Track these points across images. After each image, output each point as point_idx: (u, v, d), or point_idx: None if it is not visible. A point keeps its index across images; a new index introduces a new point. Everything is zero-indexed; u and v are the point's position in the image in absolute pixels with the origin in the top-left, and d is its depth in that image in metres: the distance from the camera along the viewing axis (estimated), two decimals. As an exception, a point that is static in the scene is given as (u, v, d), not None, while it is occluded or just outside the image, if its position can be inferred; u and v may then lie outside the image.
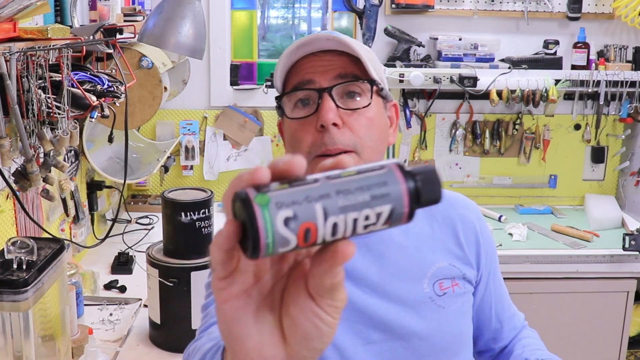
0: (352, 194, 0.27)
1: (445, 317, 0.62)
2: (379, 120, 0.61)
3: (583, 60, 1.74)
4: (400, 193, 0.28)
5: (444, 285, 0.62)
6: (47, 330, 0.79)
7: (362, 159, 0.58)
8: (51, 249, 0.78)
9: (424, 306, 0.61)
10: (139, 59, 1.23)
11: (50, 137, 0.81)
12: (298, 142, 0.59)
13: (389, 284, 0.61)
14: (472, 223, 0.67)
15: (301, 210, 0.27)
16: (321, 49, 0.59)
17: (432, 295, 0.62)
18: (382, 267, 0.62)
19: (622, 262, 1.56)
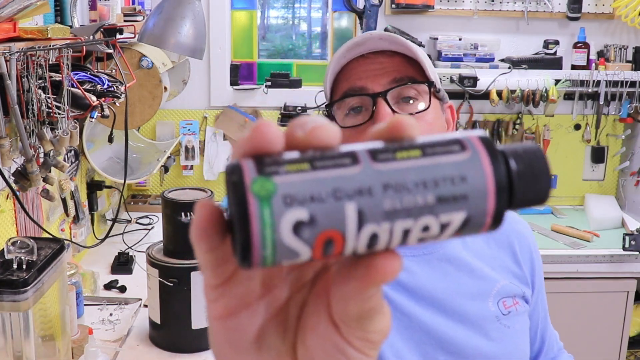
0: (409, 191, 0.17)
1: (511, 337, 0.59)
2: (438, 123, 0.57)
3: (583, 60, 1.74)
4: (485, 192, 0.18)
5: (507, 304, 0.59)
6: (47, 330, 0.79)
7: None
8: (51, 249, 0.78)
9: (491, 326, 0.58)
10: (139, 59, 1.23)
11: (50, 137, 0.81)
12: None
13: (455, 301, 0.58)
14: (526, 239, 0.64)
15: (323, 211, 0.17)
16: (373, 50, 0.55)
17: (499, 315, 0.59)
18: (447, 283, 0.58)
19: (622, 262, 1.56)
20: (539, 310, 0.66)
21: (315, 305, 0.21)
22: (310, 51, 1.97)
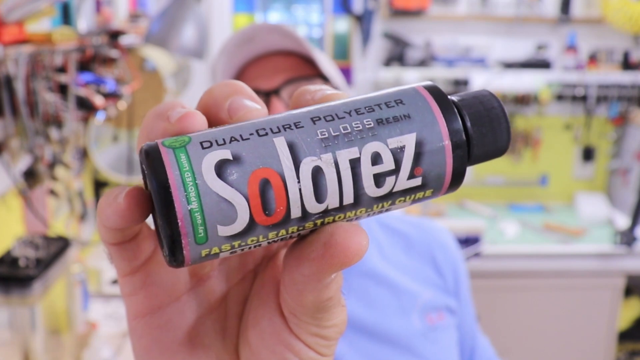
0: (342, 119, 0.15)
1: (439, 352, 0.55)
2: None
3: (573, 63, 1.78)
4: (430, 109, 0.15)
5: (433, 319, 0.55)
6: (53, 325, 0.81)
7: None
8: (57, 246, 0.80)
9: (418, 343, 0.54)
10: (143, 61, 1.25)
11: (57, 137, 0.83)
12: None
13: (376, 320, 0.53)
14: (449, 249, 0.61)
15: (248, 148, 0.14)
16: (266, 49, 0.51)
17: (424, 331, 0.55)
18: (366, 301, 0.53)
19: (612, 259, 1.59)
20: (467, 321, 0.61)
21: (259, 299, 0.18)
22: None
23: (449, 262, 0.61)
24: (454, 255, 0.62)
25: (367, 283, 0.55)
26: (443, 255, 0.60)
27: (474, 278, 1.80)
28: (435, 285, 0.59)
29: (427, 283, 0.58)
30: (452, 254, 0.61)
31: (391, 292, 0.55)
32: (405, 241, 0.60)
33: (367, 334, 0.53)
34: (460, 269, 0.61)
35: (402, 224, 0.62)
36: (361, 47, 1.76)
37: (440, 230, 0.63)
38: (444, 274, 0.59)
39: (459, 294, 0.61)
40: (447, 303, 0.58)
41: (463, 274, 0.62)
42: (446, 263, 0.60)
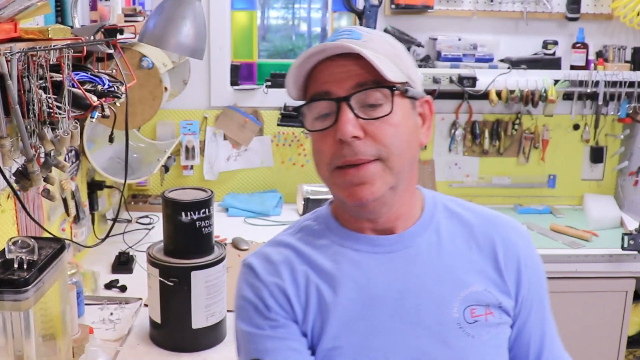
0: None
1: (475, 347, 0.55)
2: (406, 123, 0.56)
3: (582, 60, 1.74)
4: None
5: (476, 313, 0.56)
6: (47, 330, 0.79)
7: (389, 166, 0.55)
8: (52, 248, 0.78)
9: (451, 333, 0.55)
10: (140, 59, 1.23)
11: (51, 137, 0.81)
12: (319, 154, 0.57)
13: (410, 303, 0.56)
14: (515, 248, 0.60)
15: None
16: (337, 53, 0.55)
17: (461, 322, 0.56)
18: (405, 284, 0.56)
19: (621, 262, 1.56)
20: (532, 330, 0.61)
21: None
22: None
23: (512, 261, 0.59)
24: (521, 257, 0.60)
25: (411, 267, 0.57)
26: (506, 253, 0.59)
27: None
28: (491, 281, 0.58)
29: (481, 277, 0.58)
30: (519, 255, 0.60)
31: (434, 279, 0.56)
32: (467, 230, 0.60)
33: (399, 315, 0.55)
34: (524, 271, 0.59)
35: (468, 212, 0.62)
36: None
37: (510, 228, 0.61)
38: (504, 273, 0.58)
39: (520, 297, 0.59)
40: (502, 302, 0.58)
41: (533, 279, 0.60)
42: (509, 262, 0.59)
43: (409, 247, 0.58)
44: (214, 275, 0.97)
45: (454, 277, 0.57)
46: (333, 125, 0.54)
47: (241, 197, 1.81)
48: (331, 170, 0.56)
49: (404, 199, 0.58)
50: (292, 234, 0.62)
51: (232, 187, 1.87)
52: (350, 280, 0.57)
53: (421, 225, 0.59)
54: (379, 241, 0.58)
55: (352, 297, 0.56)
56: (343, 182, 0.55)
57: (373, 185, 0.54)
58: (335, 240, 0.59)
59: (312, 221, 0.62)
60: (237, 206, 1.74)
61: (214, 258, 0.98)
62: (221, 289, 0.99)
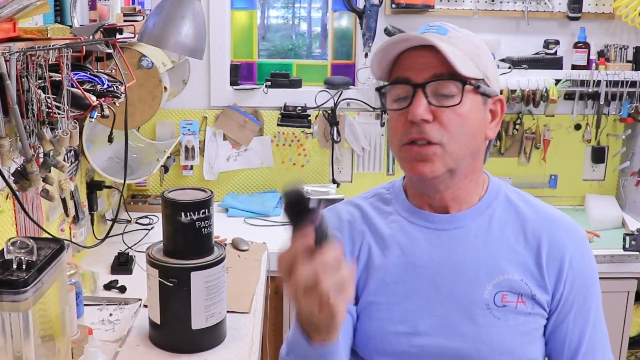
0: None
1: (498, 329, 0.61)
2: (472, 116, 0.62)
3: (583, 60, 1.74)
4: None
5: (507, 299, 0.62)
6: (46, 331, 0.79)
7: (449, 151, 0.61)
8: (51, 249, 0.77)
9: (479, 311, 0.62)
10: (139, 58, 1.23)
11: (50, 137, 0.81)
12: (393, 131, 0.64)
13: (447, 278, 0.63)
14: (562, 248, 0.64)
15: None
16: (418, 44, 0.62)
17: (490, 304, 0.62)
18: (446, 260, 0.63)
19: (623, 262, 1.56)
20: (570, 328, 0.64)
21: None
22: (310, 51, 1.97)
23: (555, 259, 0.64)
24: (565, 255, 0.64)
25: (455, 245, 0.64)
26: (551, 251, 0.64)
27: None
28: (529, 274, 0.63)
29: (521, 268, 0.63)
30: (564, 255, 0.64)
31: (474, 260, 0.63)
32: (520, 223, 0.65)
33: (433, 286, 0.63)
34: (568, 271, 0.63)
35: (527, 207, 0.67)
36: (364, 45, 1.72)
37: (564, 228, 0.66)
38: (544, 268, 0.63)
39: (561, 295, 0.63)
40: (536, 294, 0.63)
41: (577, 280, 0.64)
42: (552, 260, 0.64)
43: (458, 227, 0.65)
44: (214, 275, 0.97)
45: (493, 263, 0.63)
46: (407, 107, 0.62)
47: (241, 197, 1.81)
48: (400, 146, 0.63)
49: (462, 184, 0.65)
50: (366, 197, 0.72)
51: (232, 187, 1.86)
52: (398, 247, 0.65)
53: (476, 210, 0.66)
54: (432, 218, 0.66)
55: (396, 262, 0.65)
56: (408, 157, 0.63)
57: (433, 164, 0.61)
58: (397, 210, 0.68)
59: (385, 190, 0.72)
60: (237, 206, 1.74)
61: (213, 258, 0.98)
62: (221, 290, 0.99)
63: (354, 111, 1.82)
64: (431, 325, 0.62)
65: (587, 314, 0.65)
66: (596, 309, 0.66)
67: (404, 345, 0.63)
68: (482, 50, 0.65)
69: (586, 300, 0.65)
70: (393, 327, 0.63)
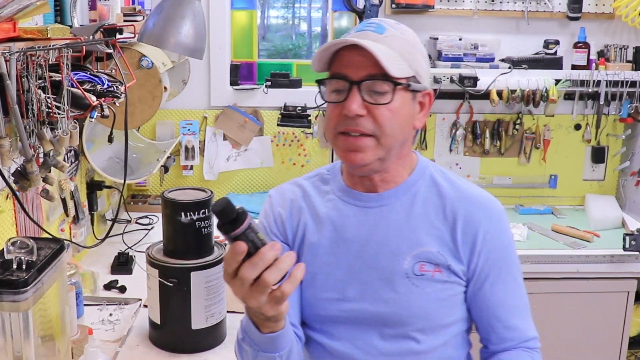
0: None
1: (416, 295, 0.69)
2: (402, 111, 0.69)
3: (583, 60, 1.74)
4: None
5: (425, 268, 0.70)
6: (46, 331, 0.79)
7: (381, 142, 0.68)
8: (51, 249, 0.77)
9: (399, 280, 0.70)
10: (139, 58, 1.23)
11: (50, 137, 0.81)
12: (328, 120, 0.70)
13: (373, 250, 0.71)
14: (477, 224, 0.71)
15: None
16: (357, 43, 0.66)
17: (409, 273, 0.70)
18: (373, 235, 0.71)
19: (623, 262, 1.56)
20: (488, 296, 0.71)
21: None
22: (310, 51, 1.97)
23: (469, 234, 0.70)
24: (480, 232, 0.70)
25: (381, 221, 0.71)
26: (466, 226, 0.70)
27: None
28: (446, 246, 0.70)
29: (439, 241, 0.70)
30: (478, 230, 0.70)
31: (396, 235, 0.71)
32: (441, 201, 0.72)
33: (362, 257, 0.71)
34: (481, 244, 0.70)
35: (449, 186, 0.74)
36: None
37: (479, 206, 0.72)
38: (459, 241, 0.70)
39: (475, 265, 0.70)
40: (451, 264, 0.70)
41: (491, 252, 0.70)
42: (466, 234, 0.70)
43: (384, 205, 0.72)
44: (214, 275, 0.97)
45: (414, 237, 0.71)
46: (343, 102, 0.68)
47: (241, 197, 1.81)
48: (335, 134, 0.69)
49: (392, 168, 0.72)
50: (310, 177, 0.79)
51: (232, 187, 1.86)
52: (331, 224, 0.74)
53: (401, 189, 0.73)
54: (362, 197, 0.73)
55: (328, 236, 0.73)
56: (343, 146, 0.69)
57: (365, 154, 0.68)
58: (333, 189, 0.76)
59: (326, 170, 0.79)
60: (237, 206, 1.74)
61: (213, 259, 0.98)
62: (221, 290, 0.99)
63: (354, 111, 1.82)
64: (358, 292, 0.70)
65: (505, 283, 0.72)
66: (514, 279, 0.73)
67: (335, 310, 0.72)
68: (416, 49, 0.70)
69: (502, 271, 0.71)
70: (326, 294, 0.72)
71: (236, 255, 0.54)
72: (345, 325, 0.71)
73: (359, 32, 0.68)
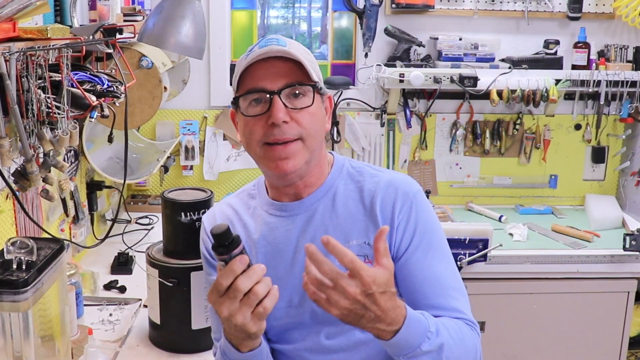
0: None
1: None
2: (319, 113, 0.74)
3: (583, 60, 1.74)
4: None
5: None
6: (46, 331, 0.79)
7: (306, 145, 0.72)
8: (51, 249, 0.77)
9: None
10: (139, 58, 1.23)
11: (50, 137, 0.81)
12: (251, 134, 0.72)
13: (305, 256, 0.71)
14: (392, 202, 0.74)
15: None
16: (270, 56, 0.71)
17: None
18: (302, 240, 0.74)
19: (623, 262, 1.55)
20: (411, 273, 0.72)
21: None
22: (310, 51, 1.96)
23: (386, 216, 0.73)
24: (396, 212, 0.73)
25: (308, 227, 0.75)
26: (383, 209, 0.74)
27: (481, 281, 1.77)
28: (371, 235, 0.72)
29: (363, 232, 0.73)
30: (394, 210, 0.73)
31: (324, 234, 0.70)
32: (359, 193, 0.76)
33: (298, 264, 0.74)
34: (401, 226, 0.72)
35: (366, 178, 0.76)
36: (364, 45, 1.72)
37: (392, 188, 0.74)
38: (379, 225, 0.73)
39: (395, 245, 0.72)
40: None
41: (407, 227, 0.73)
42: (384, 217, 0.73)
43: (307, 210, 0.75)
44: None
45: (340, 234, 0.73)
46: (266, 112, 0.71)
47: (241, 197, 1.81)
48: (262, 146, 0.72)
49: (314, 171, 0.75)
50: (238, 194, 0.83)
51: (232, 187, 1.86)
52: (263, 239, 0.77)
53: (320, 191, 0.76)
54: (286, 207, 0.76)
55: (263, 251, 0.76)
56: (272, 156, 0.71)
57: (295, 159, 0.71)
58: (261, 204, 0.79)
59: (252, 186, 0.82)
60: (237, 206, 1.74)
61: (213, 259, 0.98)
62: (221, 290, 0.98)
63: (354, 111, 1.82)
64: (300, 297, 0.74)
65: (424, 260, 0.72)
66: (436, 257, 0.73)
67: (285, 317, 0.75)
68: (313, 57, 0.76)
69: (419, 247, 0.72)
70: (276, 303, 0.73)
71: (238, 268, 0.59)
72: (297, 330, 0.74)
73: (264, 48, 0.70)
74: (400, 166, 1.85)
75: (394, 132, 1.84)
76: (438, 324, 0.65)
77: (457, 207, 1.86)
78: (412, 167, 1.86)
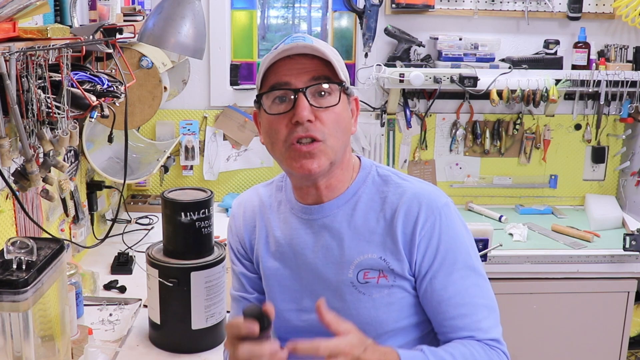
0: None
1: (364, 302, 0.71)
2: (344, 114, 0.71)
3: (583, 60, 1.74)
4: None
5: (369, 275, 0.71)
6: (46, 331, 0.79)
7: (330, 145, 0.69)
8: (51, 249, 0.77)
9: (346, 289, 0.72)
10: (139, 58, 1.23)
11: (50, 137, 0.81)
12: (275, 133, 0.70)
13: (319, 262, 0.73)
14: (415, 217, 0.70)
15: None
16: (297, 53, 0.68)
17: (354, 282, 0.71)
18: (318, 247, 0.74)
19: (623, 262, 1.55)
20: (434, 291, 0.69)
21: None
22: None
23: (407, 230, 0.71)
24: (418, 224, 0.70)
25: (324, 234, 0.74)
26: (405, 222, 0.71)
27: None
28: (388, 250, 0.71)
29: (380, 247, 0.71)
30: (417, 224, 0.70)
31: (339, 246, 0.73)
32: (381, 204, 0.73)
33: (311, 268, 0.74)
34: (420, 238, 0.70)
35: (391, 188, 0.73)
36: (364, 45, 1.72)
37: (417, 201, 0.71)
38: (399, 239, 0.71)
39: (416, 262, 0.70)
40: (394, 268, 0.71)
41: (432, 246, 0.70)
42: (405, 230, 0.71)
43: (326, 216, 0.74)
44: (214, 276, 0.97)
45: (356, 246, 0.72)
46: (290, 110, 0.68)
47: (241, 197, 1.81)
48: (287, 146, 0.69)
49: (337, 173, 0.73)
50: (266, 185, 0.82)
51: (232, 187, 1.86)
52: (284, 237, 0.76)
53: (342, 198, 0.74)
54: (307, 210, 0.75)
55: (282, 250, 0.76)
56: (297, 156, 0.69)
57: (320, 160, 0.69)
58: (285, 200, 0.78)
59: (280, 177, 0.81)
60: (237, 206, 1.74)
61: (213, 259, 0.98)
62: (221, 290, 0.99)
63: (354, 111, 1.82)
64: (312, 303, 0.70)
65: (449, 278, 0.69)
66: (463, 276, 0.69)
67: (296, 320, 0.74)
68: (340, 56, 0.73)
69: (443, 266, 0.69)
70: (286, 305, 0.75)
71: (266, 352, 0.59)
72: (308, 335, 0.70)
73: (290, 44, 0.68)
74: (400, 166, 1.85)
75: (394, 132, 1.84)
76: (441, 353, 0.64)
77: (457, 207, 1.86)
78: (412, 167, 1.86)
